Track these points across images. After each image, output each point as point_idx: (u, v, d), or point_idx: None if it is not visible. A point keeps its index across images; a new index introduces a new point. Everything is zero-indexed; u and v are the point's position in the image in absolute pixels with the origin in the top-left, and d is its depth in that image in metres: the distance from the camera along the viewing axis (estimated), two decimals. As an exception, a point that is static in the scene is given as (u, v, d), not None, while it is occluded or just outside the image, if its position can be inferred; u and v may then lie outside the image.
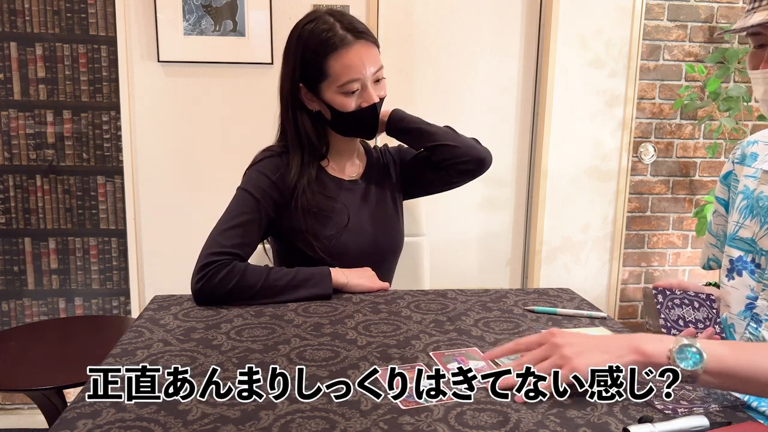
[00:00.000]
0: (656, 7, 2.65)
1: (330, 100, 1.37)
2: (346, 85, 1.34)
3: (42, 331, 1.86)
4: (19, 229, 2.48)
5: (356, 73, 1.33)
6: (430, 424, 0.81)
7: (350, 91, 1.35)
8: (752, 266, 1.15)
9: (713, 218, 1.36)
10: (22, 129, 2.42)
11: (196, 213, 2.52)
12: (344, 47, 1.33)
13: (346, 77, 1.33)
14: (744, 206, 1.19)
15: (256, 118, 2.47)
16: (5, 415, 2.58)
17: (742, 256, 1.17)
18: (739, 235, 1.19)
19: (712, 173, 2.82)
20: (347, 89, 1.34)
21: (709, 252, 1.39)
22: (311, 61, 1.35)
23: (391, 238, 1.52)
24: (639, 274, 2.86)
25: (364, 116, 1.38)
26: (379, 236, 1.48)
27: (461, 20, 2.62)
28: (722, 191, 1.32)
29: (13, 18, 2.35)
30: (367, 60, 1.34)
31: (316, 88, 1.38)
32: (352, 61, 1.33)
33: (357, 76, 1.34)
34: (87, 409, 0.84)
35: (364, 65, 1.34)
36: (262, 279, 1.26)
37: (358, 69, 1.33)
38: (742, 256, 1.17)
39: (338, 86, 1.34)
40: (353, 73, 1.33)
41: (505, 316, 1.21)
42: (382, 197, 1.53)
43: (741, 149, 1.27)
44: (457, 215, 2.75)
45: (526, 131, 2.75)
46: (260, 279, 1.26)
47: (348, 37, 1.33)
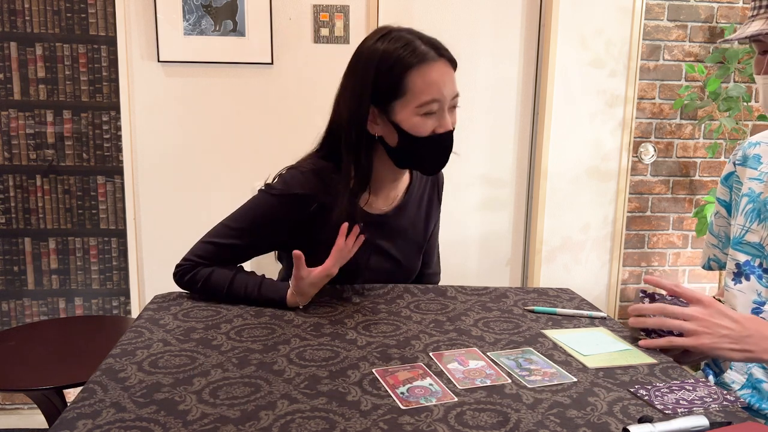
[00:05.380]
0: (656, 7, 2.65)
1: (403, 120, 1.21)
2: (426, 105, 1.20)
3: (42, 331, 1.86)
4: (19, 229, 2.48)
5: (437, 92, 1.20)
6: (430, 424, 0.81)
7: (430, 111, 1.21)
8: (760, 271, 1.16)
9: (714, 219, 1.36)
10: (22, 129, 2.42)
11: (196, 213, 2.52)
12: (427, 62, 1.19)
13: (428, 95, 1.19)
14: (750, 210, 1.19)
15: (256, 118, 2.47)
16: (5, 415, 2.58)
17: (750, 260, 1.17)
18: (746, 239, 1.19)
19: (712, 173, 2.82)
20: (427, 109, 1.20)
21: (709, 252, 1.39)
22: (386, 76, 1.20)
23: (403, 277, 1.44)
24: (639, 274, 2.86)
25: (438, 143, 1.23)
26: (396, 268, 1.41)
27: (461, 20, 2.62)
28: (723, 192, 1.32)
29: (13, 18, 2.35)
30: (449, 80, 1.22)
31: (387, 108, 1.22)
32: (435, 79, 1.20)
33: (438, 95, 1.20)
34: (87, 409, 0.84)
35: (446, 85, 1.21)
36: (225, 286, 1.25)
37: (440, 88, 1.20)
38: (750, 261, 1.17)
39: (417, 105, 1.20)
40: (435, 91, 1.20)
41: (505, 317, 1.21)
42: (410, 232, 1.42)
43: (742, 150, 1.27)
44: (458, 215, 2.75)
45: (526, 131, 2.75)
46: (224, 285, 1.26)
47: (431, 53, 1.21)
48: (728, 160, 1.31)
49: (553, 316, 1.23)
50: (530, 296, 1.34)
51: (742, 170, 1.25)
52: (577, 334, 1.14)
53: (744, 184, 1.23)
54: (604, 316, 1.23)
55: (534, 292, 1.37)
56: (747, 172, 1.23)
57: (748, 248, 1.18)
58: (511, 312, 1.24)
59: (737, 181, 1.27)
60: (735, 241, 1.22)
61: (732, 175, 1.28)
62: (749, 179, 1.22)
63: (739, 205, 1.23)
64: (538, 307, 1.25)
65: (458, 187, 2.73)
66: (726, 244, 1.33)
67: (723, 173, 1.32)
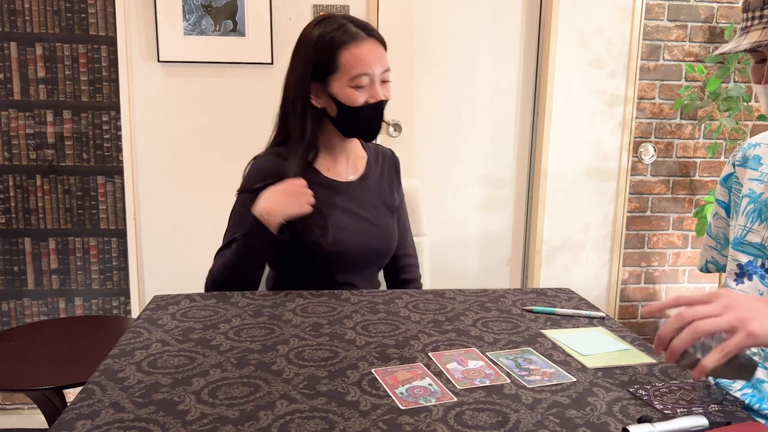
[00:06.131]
0: (656, 7, 2.65)
1: (338, 93, 1.39)
2: (356, 78, 1.37)
3: (42, 331, 1.86)
4: (19, 229, 2.48)
5: (366, 67, 1.37)
6: (429, 424, 0.81)
7: (359, 85, 1.37)
8: (762, 271, 1.16)
9: (713, 220, 1.36)
10: (22, 129, 2.42)
11: (195, 213, 2.52)
12: (356, 41, 1.37)
13: (357, 70, 1.36)
14: (751, 210, 1.19)
15: (256, 118, 2.47)
16: (5, 415, 2.58)
17: (752, 261, 1.17)
18: (748, 240, 1.19)
19: (712, 173, 2.82)
20: (357, 83, 1.37)
21: (707, 254, 1.39)
22: (323, 55, 1.38)
23: (384, 241, 1.52)
24: (639, 274, 2.86)
25: (369, 112, 1.40)
26: (371, 238, 1.49)
27: (461, 20, 2.62)
28: (722, 193, 1.32)
29: (13, 18, 2.35)
30: (377, 56, 1.39)
31: (325, 82, 1.40)
32: (363, 55, 1.37)
33: (367, 70, 1.37)
34: (85, 410, 0.84)
35: (375, 61, 1.38)
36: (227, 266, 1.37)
37: (368, 63, 1.37)
38: (752, 261, 1.17)
39: (349, 78, 1.37)
40: (364, 66, 1.37)
41: (504, 317, 1.21)
42: (378, 198, 1.54)
43: (742, 151, 1.27)
44: (458, 215, 2.75)
45: (526, 131, 2.75)
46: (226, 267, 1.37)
47: (360, 34, 1.38)
48: (727, 161, 1.31)
49: (552, 316, 1.23)
50: (529, 296, 1.34)
51: (742, 171, 1.25)
52: (576, 334, 1.14)
53: (744, 185, 1.23)
54: (603, 315, 1.22)
55: (533, 292, 1.37)
56: (747, 173, 1.23)
57: (749, 249, 1.18)
58: (510, 312, 1.24)
59: (736, 182, 1.26)
60: (736, 241, 1.22)
61: (731, 176, 1.28)
62: (750, 180, 1.22)
63: (739, 206, 1.23)
64: (537, 307, 1.25)
65: (458, 187, 2.73)
66: (724, 245, 1.33)
67: (722, 174, 1.31)
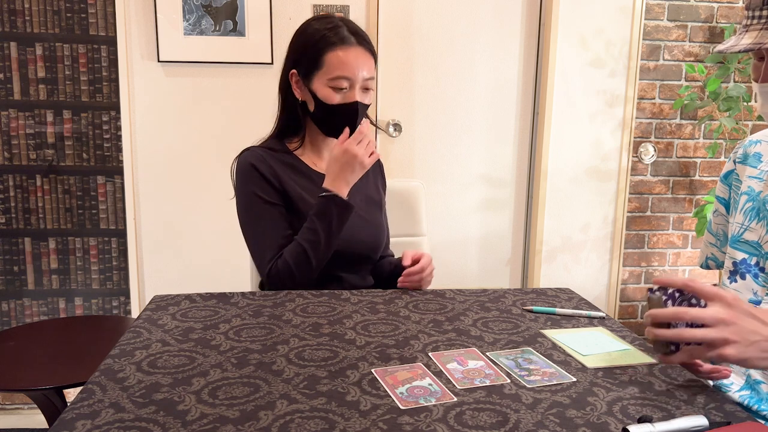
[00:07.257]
0: (656, 7, 2.65)
1: (317, 89, 1.41)
2: (336, 80, 1.39)
3: (42, 331, 1.86)
4: (19, 229, 2.48)
5: (348, 71, 1.39)
6: (429, 424, 0.81)
7: (338, 87, 1.40)
8: (756, 270, 1.15)
9: (713, 217, 1.36)
10: (22, 129, 2.42)
11: (196, 213, 2.52)
12: (344, 45, 1.40)
13: (338, 72, 1.39)
14: (749, 208, 1.19)
15: (256, 118, 2.47)
16: (5, 415, 2.58)
17: (746, 259, 1.17)
18: (744, 238, 1.19)
19: (712, 173, 2.82)
20: (336, 84, 1.39)
21: (707, 251, 1.39)
22: (311, 50, 1.41)
23: (374, 235, 1.53)
24: (639, 274, 2.86)
25: (343, 112, 1.42)
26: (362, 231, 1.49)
27: (461, 20, 2.62)
28: (723, 190, 1.32)
29: (13, 18, 2.35)
30: (362, 64, 1.41)
31: (307, 77, 1.43)
32: (349, 60, 1.39)
33: (348, 74, 1.39)
34: (86, 410, 0.84)
35: (358, 67, 1.40)
36: (312, 253, 1.36)
37: (351, 68, 1.39)
38: (746, 259, 1.17)
39: (329, 78, 1.40)
40: (346, 70, 1.39)
41: (504, 316, 1.21)
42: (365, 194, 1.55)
43: (743, 148, 1.27)
44: (458, 215, 2.75)
45: (526, 131, 2.75)
46: (310, 254, 1.36)
47: (351, 39, 1.40)
48: (728, 159, 1.31)
49: (552, 315, 1.23)
50: (529, 296, 1.34)
51: (742, 168, 1.25)
52: (576, 333, 1.14)
53: (743, 182, 1.23)
54: (603, 315, 1.22)
55: (533, 292, 1.37)
56: (747, 170, 1.23)
57: (746, 246, 1.18)
58: (510, 312, 1.24)
59: (737, 179, 1.26)
60: (733, 239, 1.22)
61: (732, 173, 1.28)
62: (749, 177, 1.22)
63: (738, 203, 1.23)
64: (537, 307, 1.25)
65: (458, 187, 2.73)
66: (724, 242, 1.33)
67: (723, 171, 1.31)
